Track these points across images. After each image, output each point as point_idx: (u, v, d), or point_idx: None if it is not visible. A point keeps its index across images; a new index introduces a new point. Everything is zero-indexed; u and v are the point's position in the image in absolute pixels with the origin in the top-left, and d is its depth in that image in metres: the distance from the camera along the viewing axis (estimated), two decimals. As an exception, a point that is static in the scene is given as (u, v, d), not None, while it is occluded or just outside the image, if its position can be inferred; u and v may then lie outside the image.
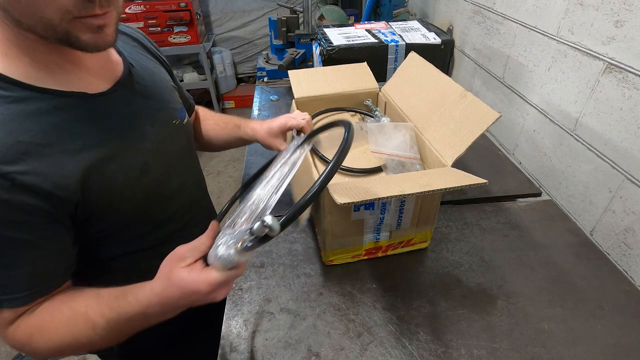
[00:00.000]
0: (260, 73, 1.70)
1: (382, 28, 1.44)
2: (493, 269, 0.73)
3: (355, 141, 0.54)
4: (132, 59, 0.62)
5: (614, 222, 0.81)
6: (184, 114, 0.71)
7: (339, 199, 0.51)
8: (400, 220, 0.69)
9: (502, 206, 0.89)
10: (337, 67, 1.02)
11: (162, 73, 0.70)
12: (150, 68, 0.66)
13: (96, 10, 0.43)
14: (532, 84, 1.05)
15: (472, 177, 0.58)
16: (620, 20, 0.75)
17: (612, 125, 0.79)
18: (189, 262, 0.45)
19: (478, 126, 0.65)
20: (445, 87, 0.77)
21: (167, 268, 0.46)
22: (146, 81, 0.62)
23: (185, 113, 0.72)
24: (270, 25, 1.84)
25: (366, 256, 0.74)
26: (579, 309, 0.65)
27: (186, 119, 0.71)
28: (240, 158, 3.08)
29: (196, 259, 0.46)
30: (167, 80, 0.70)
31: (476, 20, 1.32)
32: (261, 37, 3.62)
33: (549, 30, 0.96)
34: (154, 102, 0.62)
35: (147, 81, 0.63)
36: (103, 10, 0.44)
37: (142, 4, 2.79)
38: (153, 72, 0.66)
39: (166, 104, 0.65)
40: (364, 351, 0.59)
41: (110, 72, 0.57)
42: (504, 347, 0.59)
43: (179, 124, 0.68)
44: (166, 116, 0.65)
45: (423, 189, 0.53)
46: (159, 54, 0.73)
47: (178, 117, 0.68)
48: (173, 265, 0.45)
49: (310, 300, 0.67)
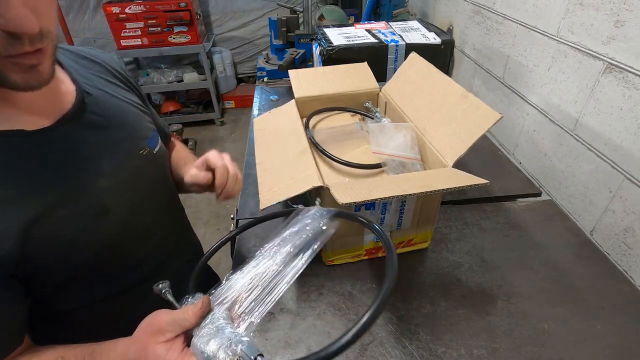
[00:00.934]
0: (260, 73, 1.70)
1: (382, 28, 1.44)
2: (493, 269, 0.73)
3: (355, 141, 0.53)
4: (89, 86, 0.56)
5: (614, 222, 0.81)
6: (156, 141, 0.65)
7: (341, 199, 0.51)
8: (401, 220, 0.69)
9: (502, 206, 0.89)
10: (338, 67, 1.02)
11: (129, 99, 0.64)
12: (113, 94, 0.60)
13: (26, 48, 0.38)
14: (532, 84, 1.05)
15: (473, 177, 0.58)
16: (620, 20, 0.75)
17: (612, 125, 0.79)
18: (168, 337, 0.41)
19: (479, 127, 0.65)
20: (445, 88, 0.77)
21: (144, 338, 0.42)
22: (106, 110, 0.56)
23: (157, 140, 0.65)
24: (270, 25, 1.84)
25: (366, 256, 0.74)
26: (579, 309, 0.65)
27: (158, 148, 0.64)
28: (240, 158, 3.07)
29: (177, 334, 0.41)
30: (136, 106, 0.64)
31: (476, 20, 1.32)
32: (261, 37, 3.62)
33: (549, 30, 0.96)
34: (115, 132, 0.56)
35: (108, 109, 0.57)
36: (34, 47, 0.39)
37: (142, 4, 2.79)
38: (116, 99, 0.60)
39: (131, 133, 0.59)
40: (364, 351, 0.59)
41: (55, 105, 0.50)
42: (504, 347, 0.59)
43: (147, 153, 0.61)
44: (130, 147, 0.58)
45: (424, 189, 0.53)
46: (128, 79, 0.67)
47: (146, 146, 0.61)
48: (150, 337, 0.41)
49: (310, 300, 0.67)
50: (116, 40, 2.92)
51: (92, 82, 0.58)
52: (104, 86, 0.60)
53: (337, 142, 0.86)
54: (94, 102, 0.55)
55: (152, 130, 0.65)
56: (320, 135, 0.86)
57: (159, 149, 0.65)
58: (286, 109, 0.89)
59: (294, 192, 0.59)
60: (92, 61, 0.62)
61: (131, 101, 0.63)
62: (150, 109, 0.73)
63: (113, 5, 2.78)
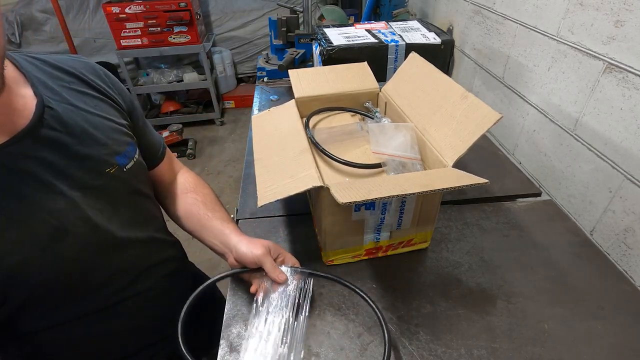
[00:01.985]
0: (260, 73, 1.70)
1: (382, 28, 1.44)
2: (493, 269, 0.73)
3: (355, 141, 0.54)
4: (55, 100, 0.53)
5: (614, 222, 0.81)
6: (130, 157, 0.61)
7: (341, 199, 0.51)
8: (401, 220, 0.69)
9: (502, 206, 0.89)
10: (338, 67, 1.02)
11: (104, 112, 0.60)
12: (82, 107, 0.57)
13: None
14: (532, 84, 1.05)
15: (473, 176, 0.58)
16: (620, 20, 0.75)
17: (612, 125, 0.79)
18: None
19: (479, 127, 0.65)
20: (445, 88, 0.77)
21: None
22: (68, 125, 0.53)
23: (133, 155, 0.62)
24: (270, 25, 1.84)
25: (366, 256, 0.74)
26: (579, 309, 0.65)
27: (130, 164, 0.61)
28: (240, 158, 3.08)
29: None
30: (110, 119, 0.60)
31: (476, 20, 1.32)
32: (261, 37, 3.62)
33: (549, 30, 0.96)
34: (77, 148, 0.53)
35: (71, 125, 0.53)
36: None
37: (142, 4, 2.79)
38: (86, 112, 0.57)
39: (98, 150, 0.56)
40: (364, 351, 0.59)
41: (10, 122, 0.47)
42: (504, 347, 0.59)
43: (116, 171, 0.58)
44: (95, 165, 0.55)
45: (424, 188, 0.53)
46: (105, 90, 0.63)
47: (115, 163, 0.58)
48: None
49: (310, 300, 0.67)
50: (116, 40, 2.92)
51: (59, 95, 0.54)
52: (75, 99, 0.56)
53: (337, 142, 0.86)
54: (55, 117, 0.52)
55: (127, 144, 0.61)
56: (320, 135, 0.86)
57: (133, 164, 0.61)
58: (285, 109, 0.89)
59: (294, 191, 0.59)
60: (67, 72, 0.59)
61: (104, 114, 0.59)
62: (139, 120, 0.69)
63: (113, 5, 2.78)
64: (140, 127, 0.69)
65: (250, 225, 0.84)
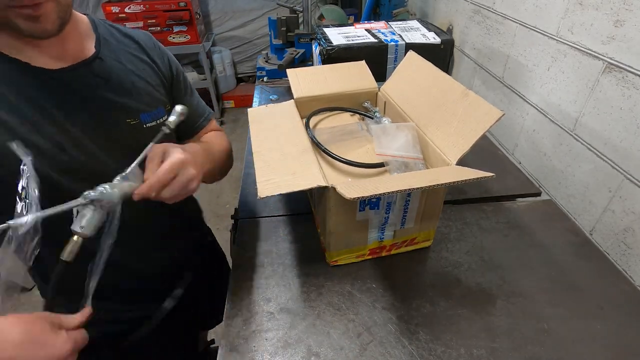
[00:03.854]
0: (260, 73, 1.70)
1: (381, 28, 1.44)
2: (493, 269, 0.73)
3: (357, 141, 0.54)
4: (109, 57, 0.63)
5: (614, 221, 0.81)
6: (156, 118, 0.68)
7: (348, 195, 0.51)
8: (405, 219, 0.69)
9: (502, 206, 0.89)
10: (336, 66, 1.02)
11: (146, 76, 0.69)
12: (130, 67, 0.66)
13: (24, 1, 0.46)
14: (532, 84, 1.05)
15: (478, 171, 0.58)
16: (620, 20, 0.75)
17: (612, 125, 0.79)
18: None
19: (481, 125, 0.65)
20: (445, 86, 0.77)
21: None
22: (109, 76, 0.62)
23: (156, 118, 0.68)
24: (270, 25, 1.84)
25: (370, 256, 0.74)
26: (578, 308, 0.65)
27: (152, 124, 0.67)
28: (240, 158, 3.06)
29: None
30: (149, 82, 0.69)
31: (476, 20, 1.32)
32: (261, 36, 3.62)
33: (549, 30, 0.96)
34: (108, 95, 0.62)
35: (113, 77, 0.63)
36: (32, 1, 0.47)
37: (141, 3, 2.79)
38: (130, 72, 0.66)
39: (126, 102, 0.64)
40: (364, 351, 0.59)
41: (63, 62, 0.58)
42: (504, 347, 0.59)
43: (136, 124, 0.65)
44: (118, 113, 0.63)
45: (431, 182, 0.53)
46: (154, 59, 0.72)
47: (137, 118, 0.65)
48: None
49: (310, 300, 0.67)
50: (116, 40, 2.91)
51: (114, 54, 0.65)
52: (127, 60, 0.67)
53: (338, 142, 0.85)
54: (101, 67, 0.62)
55: (157, 107, 0.69)
56: (321, 136, 0.86)
57: (155, 125, 0.67)
58: (284, 107, 0.89)
59: (297, 188, 0.58)
60: (132, 39, 0.70)
61: (145, 77, 0.69)
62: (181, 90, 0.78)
63: (113, 4, 2.77)
64: (181, 97, 0.78)
65: (251, 225, 0.84)
